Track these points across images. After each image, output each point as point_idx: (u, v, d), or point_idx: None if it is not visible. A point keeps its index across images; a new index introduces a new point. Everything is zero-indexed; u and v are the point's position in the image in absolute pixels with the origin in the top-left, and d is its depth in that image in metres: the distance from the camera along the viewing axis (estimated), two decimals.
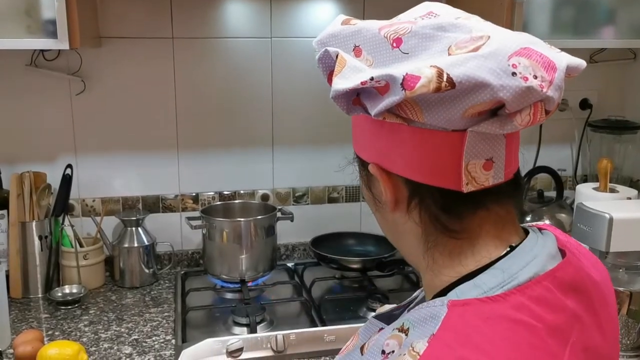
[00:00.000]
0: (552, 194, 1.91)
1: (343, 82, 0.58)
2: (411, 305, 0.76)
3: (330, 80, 0.61)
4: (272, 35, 1.77)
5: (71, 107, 1.69)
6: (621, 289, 1.22)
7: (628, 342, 1.23)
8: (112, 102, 1.72)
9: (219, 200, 1.83)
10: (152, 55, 1.71)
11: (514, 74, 0.53)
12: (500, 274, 0.58)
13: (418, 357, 0.54)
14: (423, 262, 0.65)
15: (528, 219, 1.86)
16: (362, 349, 0.66)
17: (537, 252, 0.60)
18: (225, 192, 1.84)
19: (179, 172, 1.80)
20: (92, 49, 1.65)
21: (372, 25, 0.61)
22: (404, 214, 0.64)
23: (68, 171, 1.64)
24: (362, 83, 0.56)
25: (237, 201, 1.84)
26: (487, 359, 0.52)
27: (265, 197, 1.87)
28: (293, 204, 1.89)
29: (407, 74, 0.54)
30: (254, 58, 1.78)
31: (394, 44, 0.58)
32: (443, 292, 0.61)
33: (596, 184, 1.59)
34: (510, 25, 1.58)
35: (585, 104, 2.01)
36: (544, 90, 0.54)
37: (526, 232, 0.65)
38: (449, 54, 0.55)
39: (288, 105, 1.83)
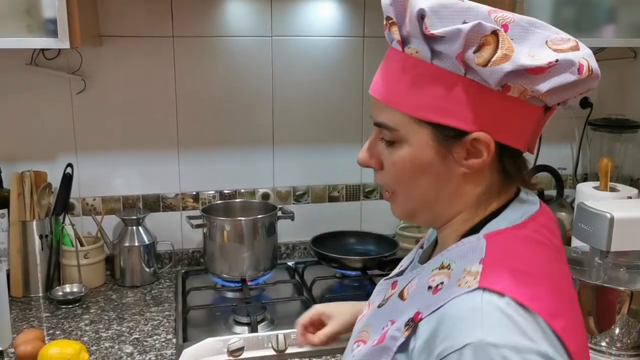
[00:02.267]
0: (553, 192, 1.91)
1: (530, 59, 0.66)
2: (411, 265, 0.87)
3: (462, 54, 0.67)
4: (273, 34, 1.77)
5: (71, 106, 1.69)
6: (622, 288, 1.22)
7: (629, 341, 1.23)
8: (113, 101, 1.71)
9: (220, 199, 1.83)
10: (153, 54, 1.71)
11: None
12: (520, 209, 0.74)
13: (479, 274, 0.66)
14: (466, 214, 0.75)
15: None
16: (400, 296, 0.76)
17: (532, 198, 0.78)
18: (226, 191, 1.84)
19: (180, 171, 1.80)
20: (93, 47, 1.65)
21: (481, 6, 0.69)
22: (475, 173, 0.72)
23: (68, 170, 1.64)
24: (549, 63, 0.66)
25: (237, 200, 1.84)
26: (531, 268, 0.68)
27: (265, 196, 1.87)
28: (293, 203, 1.89)
29: (579, 62, 0.67)
30: (254, 57, 1.78)
31: (502, 29, 0.67)
32: (467, 234, 0.74)
33: (596, 183, 1.59)
34: None
35: (585, 103, 2.01)
36: None
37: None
38: (549, 47, 0.68)
39: (288, 104, 1.83)
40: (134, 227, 1.70)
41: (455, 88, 0.68)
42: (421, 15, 0.67)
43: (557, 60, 0.66)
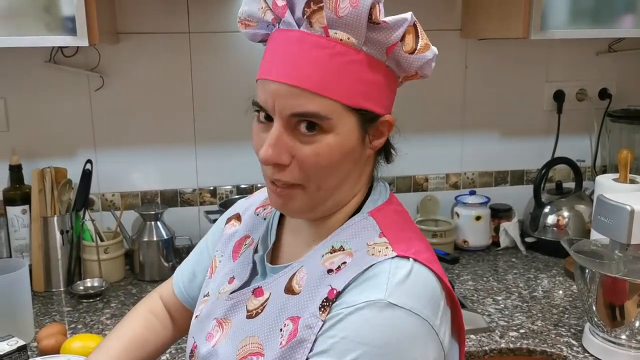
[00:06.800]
0: (571, 185, 1.90)
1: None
2: (259, 271, 0.84)
3: (391, 47, 0.71)
4: None
5: (90, 103, 1.71)
6: None
7: None
8: (130, 97, 1.73)
9: (237, 194, 1.84)
10: (169, 50, 1.72)
11: None
12: (382, 186, 0.82)
13: (389, 244, 0.72)
14: (360, 195, 0.79)
15: (546, 210, 1.85)
16: (289, 291, 0.75)
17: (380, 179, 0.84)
18: (243, 186, 1.85)
19: (197, 166, 1.82)
20: (110, 45, 1.67)
21: None
22: (371, 153, 0.78)
23: (88, 166, 1.66)
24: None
25: None
26: (412, 233, 0.77)
27: None
28: None
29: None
30: None
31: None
32: (352, 215, 0.78)
33: (616, 175, 1.58)
34: (528, 14, 1.56)
35: (604, 94, 1.99)
36: None
37: None
38: None
39: None
40: (153, 222, 1.72)
41: (378, 74, 0.72)
42: (372, 3, 0.68)
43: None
